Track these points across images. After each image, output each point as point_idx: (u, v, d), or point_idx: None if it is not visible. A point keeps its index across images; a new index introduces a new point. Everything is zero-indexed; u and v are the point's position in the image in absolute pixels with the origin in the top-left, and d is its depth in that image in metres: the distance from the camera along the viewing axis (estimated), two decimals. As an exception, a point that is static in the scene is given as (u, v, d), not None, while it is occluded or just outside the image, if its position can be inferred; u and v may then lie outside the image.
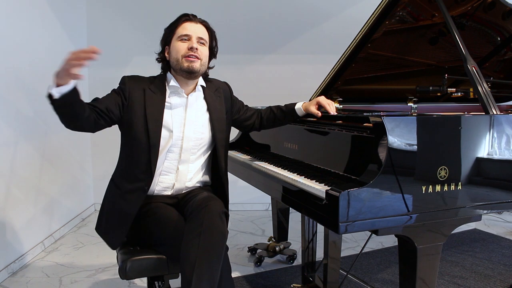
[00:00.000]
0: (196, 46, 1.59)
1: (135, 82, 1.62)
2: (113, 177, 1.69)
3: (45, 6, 3.03)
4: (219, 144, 1.70)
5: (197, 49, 1.59)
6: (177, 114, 1.63)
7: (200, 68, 1.62)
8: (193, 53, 1.58)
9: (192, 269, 1.33)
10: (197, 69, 1.60)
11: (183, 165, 1.65)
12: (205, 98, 1.71)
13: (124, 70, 3.73)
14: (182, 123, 1.63)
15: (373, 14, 1.96)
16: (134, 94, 1.59)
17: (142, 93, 1.59)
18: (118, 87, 1.62)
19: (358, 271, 2.54)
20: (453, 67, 2.42)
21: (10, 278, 2.46)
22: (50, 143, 3.08)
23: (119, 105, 1.57)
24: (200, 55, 1.61)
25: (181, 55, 1.59)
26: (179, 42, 1.61)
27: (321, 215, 1.34)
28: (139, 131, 1.56)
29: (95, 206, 3.94)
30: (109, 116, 1.55)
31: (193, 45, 1.59)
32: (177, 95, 1.65)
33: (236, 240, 3.11)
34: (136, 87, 1.60)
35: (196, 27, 1.63)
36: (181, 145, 1.63)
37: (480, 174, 1.48)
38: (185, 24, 1.62)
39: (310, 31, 3.88)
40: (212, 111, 1.70)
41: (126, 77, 1.63)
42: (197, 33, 1.62)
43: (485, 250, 2.91)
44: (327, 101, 1.76)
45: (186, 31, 1.61)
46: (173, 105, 1.63)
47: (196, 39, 1.61)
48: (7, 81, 2.53)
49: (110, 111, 1.54)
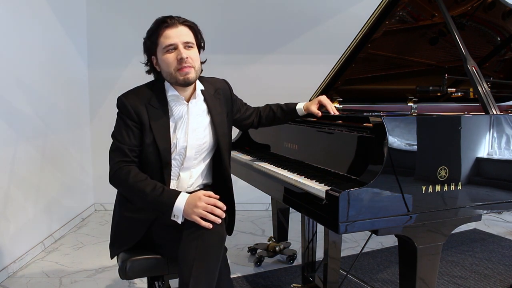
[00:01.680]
0: (185, 55, 1.49)
1: (135, 101, 1.52)
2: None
3: (45, 6, 3.03)
4: (223, 149, 1.66)
5: (187, 57, 1.49)
6: (180, 125, 1.58)
7: (195, 74, 1.54)
8: (185, 64, 1.49)
9: (189, 272, 1.33)
10: (193, 78, 1.53)
11: (185, 172, 1.62)
12: (205, 100, 1.66)
13: (124, 70, 3.76)
14: (185, 133, 1.58)
15: (373, 14, 1.96)
16: (140, 115, 1.51)
17: (145, 111, 1.52)
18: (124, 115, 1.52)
19: (358, 271, 2.54)
20: (453, 67, 2.42)
21: (10, 278, 2.46)
22: (50, 143, 3.08)
23: (140, 136, 1.52)
24: (192, 62, 1.52)
25: (172, 69, 1.50)
26: (166, 54, 1.50)
27: (321, 215, 1.34)
28: (150, 151, 1.52)
29: (95, 206, 3.94)
30: (140, 150, 1.54)
31: (183, 56, 1.48)
32: (177, 103, 1.59)
33: (236, 240, 3.11)
34: (139, 106, 1.52)
35: (178, 31, 1.50)
36: (184, 153, 1.59)
37: (480, 174, 1.48)
38: (166, 32, 1.50)
39: (310, 31, 3.88)
40: (213, 115, 1.65)
41: (124, 98, 1.53)
42: (182, 39, 1.50)
43: (485, 250, 2.91)
44: (328, 102, 1.76)
45: (169, 40, 1.49)
46: (175, 116, 1.57)
47: (183, 46, 1.50)
48: (7, 81, 2.53)
49: (140, 146, 1.53)
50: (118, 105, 1.54)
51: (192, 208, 1.38)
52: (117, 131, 1.53)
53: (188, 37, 1.53)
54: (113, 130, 1.55)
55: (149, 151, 1.52)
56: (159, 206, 1.43)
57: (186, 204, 1.39)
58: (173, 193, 1.43)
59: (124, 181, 1.47)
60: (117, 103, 1.55)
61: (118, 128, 1.53)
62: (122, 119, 1.53)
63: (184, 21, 1.55)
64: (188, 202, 1.39)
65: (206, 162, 1.69)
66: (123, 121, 1.52)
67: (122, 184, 1.49)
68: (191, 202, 1.39)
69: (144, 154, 1.53)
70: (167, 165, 1.54)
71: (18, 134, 2.66)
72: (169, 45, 1.49)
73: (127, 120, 1.51)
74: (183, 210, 1.39)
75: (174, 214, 1.41)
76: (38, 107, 2.91)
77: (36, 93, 2.89)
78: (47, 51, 3.06)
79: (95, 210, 3.93)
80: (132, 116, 1.51)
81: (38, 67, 2.92)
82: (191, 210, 1.38)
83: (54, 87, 3.15)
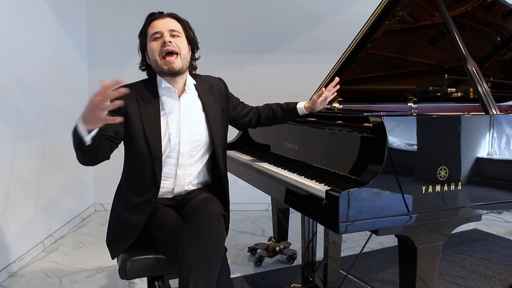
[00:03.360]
0: (169, 39, 1.52)
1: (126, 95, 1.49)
2: (119, 188, 1.67)
3: (45, 6, 3.03)
4: (217, 145, 1.67)
5: (170, 42, 1.52)
6: (172, 120, 1.58)
7: (181, 64, 1.55)
8: (168, 47, 1.51)
9: (189, 271, 1.32)
10: (179, 67, 1.54)
11: (181, 170, 1.62)
12: (199, 96, 1.66)
13: (124, 70, 3.75)
14: (177, 128, 1.58)
15: (373, 14, 1.96)
16: (130, 107, 1.52)
17: (136, 104, 1.53)
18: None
19: (358, 271, 2.54)
20: (453, 67, 2.42)
21: (10, 278, 2.46)
22: (50, 143, 3.08)
23: (123, 123, 1.51)
24: (176, 47, 1.54)
25: (157, 55, 1.53)
26: (152, 42, 1.55)
27: (321, 215, 1.34)
28: (140, 144, 1.53)
29: (95, 206, 3.94)
30: (118, 138, 1.51)
31: (165, 39, 1.52)
32: (169, 96, 1.60)
33: (236, 240, 3.11)
34: (130, 99, 1.51)
35: (165, 21, 1.57)
36: (178, 149, 1.59)
37: (480, 174, 1.48)
38: (153, 23, 1.57)
39: (310, 31, 3.88)
40: (208, 111, 1.65)
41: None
42: (167, 27, 1.55)
43: (485, 250, 2.91)
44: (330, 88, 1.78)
45: (155, 29, 1.55)
46: (167, 110, 1.58)
47: (168, 33, 1.54)
48: (7, 81, 2.53)
49: (119, 132, 1.50)
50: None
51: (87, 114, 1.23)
52: None
53: (175, 26, 1.58)
54: None
55: (140, 145, 1.53)
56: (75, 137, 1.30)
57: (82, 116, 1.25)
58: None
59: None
60: None
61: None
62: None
63: (172, 14, 1.60)
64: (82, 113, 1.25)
65: (204, 161, 1.69)
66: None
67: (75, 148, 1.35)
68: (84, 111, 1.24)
69: (135, 147, 1.54)
70: (158, 159, 1.54)
71: (18, 134, 2.66)
72: (155, 33, 1.55)
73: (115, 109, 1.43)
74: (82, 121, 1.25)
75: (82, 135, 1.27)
76: (38, 107, 2.91)
77: (36, 93, 2.89)
78: (47, 51, 3.06)
79: (95, 210, 3.93)
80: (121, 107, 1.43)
81: (38, 67, 2.92)
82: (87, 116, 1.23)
83: (54, 87, 3.15)
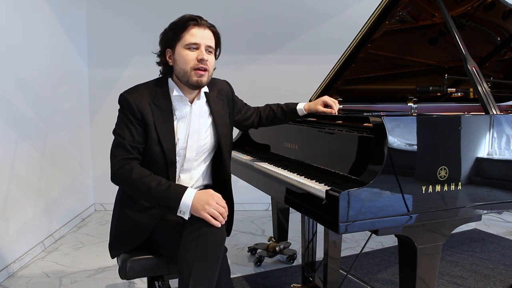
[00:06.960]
0: (206, 57, 1.50)
1: (138, 99, 1.50)
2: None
3: (45, 6, 3.03)
4: (224, 150, 1.65)
5: (207, 60, 1.50)
6: (181, 125, 1.56)
7: (207, 80, 1.55)
8: (203, 65, 1.49)
9: (189, 272, 1.32)
10: (205, 83, 1.54)
11: (185, 174, 1.62)
12: (207, 102, 1.65)
13: (124, 70, 3.76)
14: (186, 134, 1.57)
15: (373, 14, 1.96)
16: (144, 114, 1.49)
17: (149, 110, 1.49)
18: (126, 111, 1.49)
19: (358, 271, 2.54)
20: (453, 67, 2.42)
21: (10, 278, 2.46)
22: (50, 143, 3.08)
23: (142, 133, 1.49)
24: (209, 66, 1.52)
25: (190, 67, 1.49)
26: (186, 51, 1.49)
27: (321, 215, 1.34)
28: (155, 151, 1.51)
29: (95, 206, 3.94)
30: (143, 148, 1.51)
31: (203, 57, 1.49)
32: (181, 103, 1.57)
33: (236, 240, 3.11)
34: (143, 104, 1.49)
35: (205, 33, 1.51)
36: (184, 154, 1.58)
37: (480, 174, 1.48)
38: (193, 31, 1.49)
39: (310, 31, 3.88)
40: (216, 116, 1.64)
41: (127, 95, 1.50)
42: (206, 42, 1.51)
43: (485, 250, 2.91)
44: (332, 100, 1.77)
45: (195, 39, 1.49)
46: (178, 116, 1.56)
47: (205, 48, 1.51)
48: (7, 81, 2.53)
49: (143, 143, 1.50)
50: (121, 101, 1.51)
51: (203, 204, 1.35)
52: (119, 127, 1.49)
53: (212, 42, 1.54)
54: (114, 127, 1.52)
55: (154, 151, 1.51)
56: (165, 201, 1.38)
57: (196, 200, 1.36)
58: (180, 188, 1.40)
59: (127, 177, 1.43)
60: (119, 99, 1.51)
61: (120, 125, 1.50)
62: (125, 115, 1.49)
63: (211, 26, 1.56)
64: (198, 198, 1.36)
65: (206, 163, 1.68)
66: (126, 117, 1.48)
67: (125, 181, 1.44)
68: (202, 198, 1.36)
69: (149, 154, 1.51)
70: (172, 164, 1.53)
71: (18, 134, 2.66)
72: (193, 43, 1.49)
73: (130, 117, 1.48)
74: (191, 205, 1.36)
75: (181, 210, 1.37)
76: (38, 107, 2.91)
77: (36, 93, 2.89)
78: (47, 51, 3.06)
79: (95, 210, 3.93)
80: (135, 113, 1.47)
81: (38, 67, 2.92)
82: (202, 206, 1.35)
83: (54, 87, 3.15)
